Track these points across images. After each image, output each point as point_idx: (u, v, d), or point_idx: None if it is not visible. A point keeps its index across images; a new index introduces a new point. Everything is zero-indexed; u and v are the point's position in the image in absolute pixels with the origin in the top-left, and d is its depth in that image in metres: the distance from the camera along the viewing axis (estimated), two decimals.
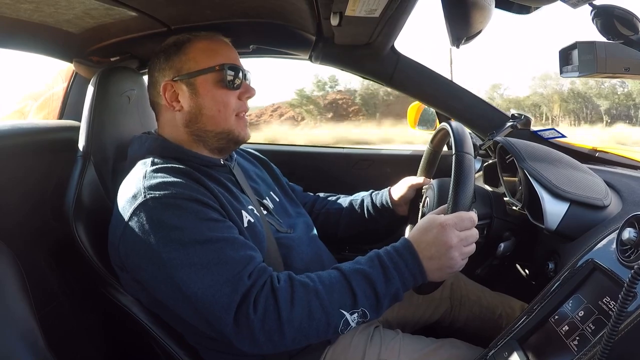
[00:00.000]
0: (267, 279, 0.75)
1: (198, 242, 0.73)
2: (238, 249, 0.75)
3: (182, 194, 0.76)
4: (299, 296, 0.72)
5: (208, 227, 0.75)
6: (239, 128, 0.92)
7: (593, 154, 1.26)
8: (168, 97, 0.89)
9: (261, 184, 1.07)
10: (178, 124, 0.90)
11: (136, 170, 0.84)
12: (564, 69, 0.74)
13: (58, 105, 1.32)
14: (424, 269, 0.75)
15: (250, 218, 0.87)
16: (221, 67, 0.88)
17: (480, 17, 0.75)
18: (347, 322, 0.73)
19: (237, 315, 0.70)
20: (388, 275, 0.74)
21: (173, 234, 0.72)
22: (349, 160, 1.65)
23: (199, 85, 0.88)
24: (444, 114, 1.42)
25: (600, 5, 0.61)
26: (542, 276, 0.88)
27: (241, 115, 0.93)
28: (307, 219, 1.10)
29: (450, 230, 0.75)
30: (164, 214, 0.74)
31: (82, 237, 0.88)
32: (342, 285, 0.73)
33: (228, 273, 0.72)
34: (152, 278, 0.75)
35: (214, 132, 0.90)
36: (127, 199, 0.78)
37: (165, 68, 0.89)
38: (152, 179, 0.78)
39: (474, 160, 0.80)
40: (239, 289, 0.71)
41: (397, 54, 1.29)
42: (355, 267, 0.76)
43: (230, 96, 0.90)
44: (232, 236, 0.77)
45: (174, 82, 0.88)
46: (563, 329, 0.67)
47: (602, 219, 0.82)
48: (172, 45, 0.90)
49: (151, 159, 0.85)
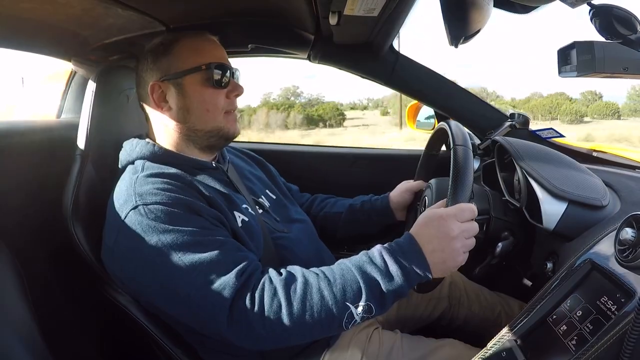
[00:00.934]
0: (264, 274, 0.75)
1: (189, 246, 0.73)
2: (229, 251, 0.76)
3: (173, 199, 0.77)
4: (301, 287, 0.72)
5: (199, 231, 0.75)
6: (229, 124, 0.92)
7: (591, 154, 1.27)
8: (156, 97, 0.88)
9: (256, 183, 1.07)
10: (167, 124, 0.90)
11: (127, 176, 0.84)
12: (562, 69, 0.74)
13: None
14: (427, 263, 0.74)
15: (244, 217, 0.87)
16: (208, 66, 0.88)
17: (478, 17, 0.75)
18: (351, 315, 0.72)
19: (232, 314, 0.70)
20: (391, 270, 0.73)
21: (165, 239, 0.73)
22: (346, 160, 1.65)
23: (187, 85, 0.88)
24: (443, 113, 1.42)
25: (599, 4, 0.61)
26: (541, 276, 0.88)
27: (230, 112, 0.93)
28: (305, 218, 1.10)
29: (451, 221, 0.74)
30: (156, 220, 0.74)
31: (80, 236, 0.88)
32: (347, 278, 0.73)
33: (220, 274, 0.72)
34: (147, 282, 0.76)
35: (203, 130, 0.90)
36: (119, 205, 0.78)
37: (153, 69, 0.89)
38: (142, 185, 0.78)
39: (472, 154, 0.80)
40: (232, 288, 0.71)
41: (395, 54, 1.29)
42: (359, 261, 0.75)
43: (218, 95, 0.90)
44: (224, 239, 0.77)
45: (161, 82, 0.88)
46: (561, 329, 0.67)
47: (601, 218, 0.82)
48: (159, 45, 0.90)
49: (142, 163, 0.85)
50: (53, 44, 1.07)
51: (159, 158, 0.87)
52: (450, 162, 0.79)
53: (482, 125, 1.37)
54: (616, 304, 0.61)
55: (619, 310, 0.60)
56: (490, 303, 1.17)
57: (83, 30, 1.01)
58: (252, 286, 0.72)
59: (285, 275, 0.75)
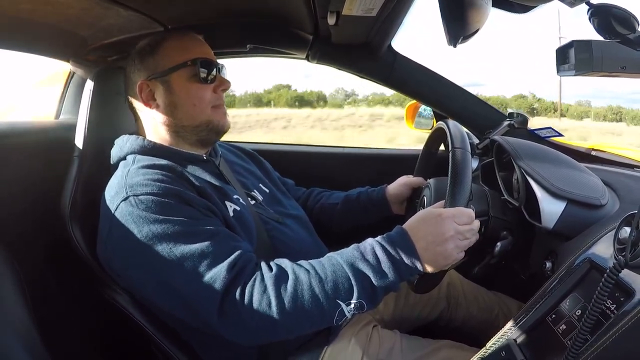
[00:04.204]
0: (256, 267, 0.75)
1: (180, 236, 0.73)
2: (221, 241, 0.75)
3: (164, 190, 0.77)
4: (291, 284, 0.72)
5: (190, 222, 0.75)
6: (218, 117, 0.92)
7: (589, 153, 1.27)
8: (144, 96, 0.89)
9: (249, 177, 1.07)
10: (156, 122, 0.91)
11: (119, 170, 0.85)
12: (560, 67, 0.74)
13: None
14: (420, 259, 0.74)
15: (236, 207, 0.87)
16: (193, 62, 0.88)
17: (477, 16, 0.75)
18: (342, 312, 0.72)
19: (222, 306, 0.70)
20: (384, 267, 0.73)
21: (155, 229, 0.73)
22: (345, 160, 1.64)
23: (173, 81, 0.88)
24: (441, 113, 1.42)
25: (598, 4, 0.61)
26: (540, 275, 0.88)
27: (218, 106, 0.93)
28: (300, 211, 1.10)
29: (448, 221, 0.74)
30: (146, 210, 0.74)
31: (78, 236, 0.88)
32: (338, 274, 0.72)
33: (211, 265, 0.72)
34: (139, 273, 0.76)
35: (192, 126, 0.91)
36: (110, 198, 0.79)
37: (141, 69, 0.90)
38: (133, 177, 0.79)
39: (470, 156, 0.80)
40: (223, 280, 0.71)
41: (394, 53, 1.30)
42: (351, 256, 0.75)
43: (205, 90, 0.90)
44: (215, 229, 0.77)
45: (149, 81, 0.89)
46: (560, 328, 0.67)
47: (599, 217, 0.82)
48: (145, 46, 0.91)
49: (133, 157, 0.86)
50: (51, 44, 1.07)
51: (150, 151, 0.88)
52: (449, 165, 0.79)
53: (481, 124, 1.37)
54: (615, 303, 0.61)
55: (618, 309, 0.60)
56: (489, 304, 1.17)
57: (81, 31, 1.01)
58: (244, 281, 0.72)
59: (276, 271, 0.74)
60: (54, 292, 0.98)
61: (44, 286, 0.95)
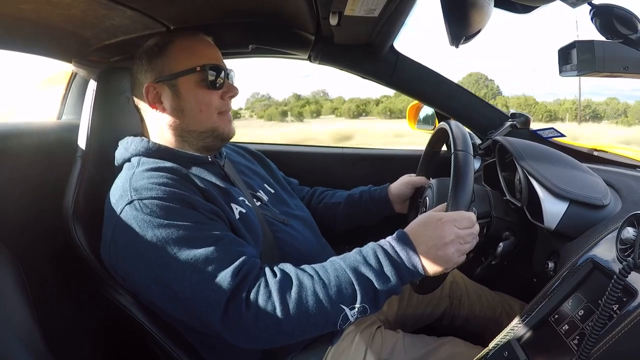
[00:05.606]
0: (260, 273, 0.74)
1: (185, 241, 0.73)
2: (226, 246, 0.75)
3: (169, 194, 0.76)
4: (295, 290, 0.72)
5: (195, 226, 0.75)
6: (223, 124, 0.92)
7: (592, 153, 1.27)
8: (151, 98, 0.88)
9: (254, 178, 1.07)
10: (162, 125, 0.90)
11: (124, 172, 0.84)
12: (562, 68, 0.74)
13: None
14: (420, 262, 0.74)
15: (241, 209, 0.87)
16: (202, 68, 0.88)
17: (479, 17, 0.75)
18: (346, 317, 0.72)
19: (227, 312, 0.70)
20: (386, 271, 0.73)
21: (160, 233, 0.72)
22: (348, 161, 1.65)
23: (181, 86, 0.88)
24: (444, 113, 1.42)
25: (600, 4, 0.61)
26: (542, 275, 0.88)
27: (224, 112, 0.93)
28: (305, 212, 1.10)
29: (449, 225, 0.74)
30: (151, 214, 0.74)
31: (80, 237, 0.88)
32: (341, 279, 0.73)
33: (216, 270, 0.71)
34: (143, 278, 0.76)
35: (198, 131, 0.90)
36: (115, 200, 0.78)
37: (148, 70, 0.89)
38: (138, 180, 0.78)
39: (472, 159, 0.80)
40: (227, 286, 0.70)
41: (396, 54, 1.30)
42: (353, 260, 0.75)
43: (213, 96, 0.90)
44: (220, 234, 0.77)
45: (156, 84, 0.88)
46: (563, 328, 0.67)
47: (602, 218, 0.82)
48: (153, 47, 0.90)
49: (138, 159, 0.86)
50: (54, 45, 1.07)
51: (155, 153, 0.87)
52: (451, 167, 0.79)
53: (483, 125, 1.37)
54: (618, 303, 0.61)
55: (620, 309, 0.60)
56: (492, 303, 1.17)
57: (84, 32, 1.01)
58: (248, 287, 0.72)
59: (280, 276, 0.74)
60: (55, 292, 0.99)
61: (46, 287, 0.95)
